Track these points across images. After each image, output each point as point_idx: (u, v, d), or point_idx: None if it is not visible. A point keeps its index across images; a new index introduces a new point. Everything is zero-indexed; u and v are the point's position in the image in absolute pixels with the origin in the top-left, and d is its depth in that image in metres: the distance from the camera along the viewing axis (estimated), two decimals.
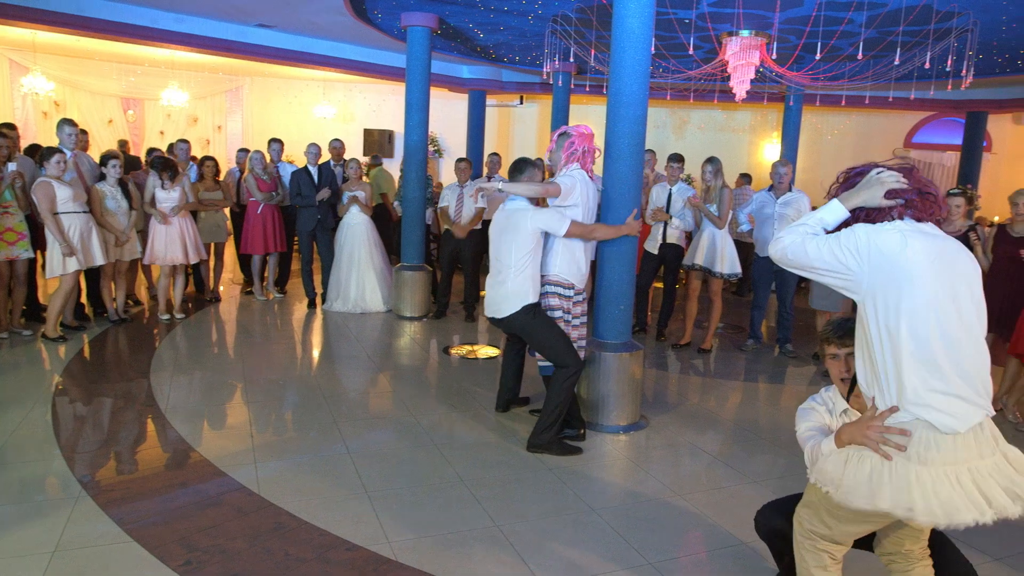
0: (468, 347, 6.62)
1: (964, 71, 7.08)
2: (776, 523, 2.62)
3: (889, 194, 2.06)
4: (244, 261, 8.45)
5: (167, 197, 6.81)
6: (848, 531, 2.18)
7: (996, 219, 10.21)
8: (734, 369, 6.41)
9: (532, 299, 4.24)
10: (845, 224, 2.11)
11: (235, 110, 13.99)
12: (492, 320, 4.41)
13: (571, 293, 4.43)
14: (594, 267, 4.77)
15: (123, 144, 9.15)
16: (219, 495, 3.54)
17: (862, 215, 2.10)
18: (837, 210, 2.12)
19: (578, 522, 3.45)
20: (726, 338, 7.42)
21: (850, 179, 2.18)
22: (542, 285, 4.39)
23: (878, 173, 2.10)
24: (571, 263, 4.40)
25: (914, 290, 1.95)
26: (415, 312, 7.61)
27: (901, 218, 2.07)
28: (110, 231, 6.47)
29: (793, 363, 6.56)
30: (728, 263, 6.52)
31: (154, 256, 6.85)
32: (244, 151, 8.78)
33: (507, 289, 4.23)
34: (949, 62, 6.99)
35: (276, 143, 8.46)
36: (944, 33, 7.02)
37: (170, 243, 6.83)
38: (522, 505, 3.60)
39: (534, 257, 4.24)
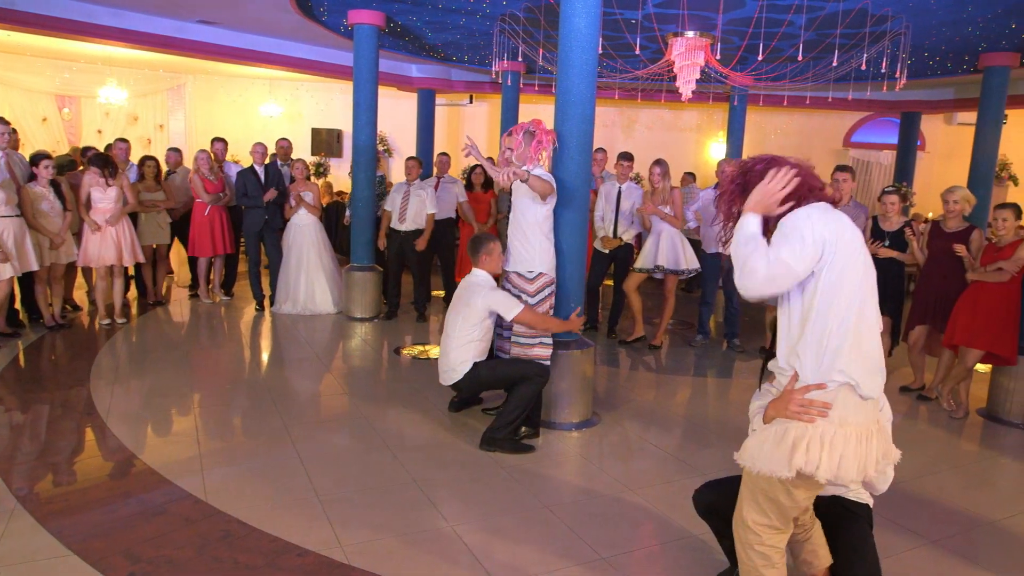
0: (420, 347, 6.59)
1: (898, 73, 7.34)
2: (710, 498, 2.75)
3: (784, 201, 2.15)
4: (190, 262, 8.23)
5: (103, 197, 6.58)
6: (786, 508, 2.26)
7: (930, 215, 10.63)
8: (683, 365, 6.52)
9: (470, 364, 4.36)
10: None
11: (177, 108, 13.61)
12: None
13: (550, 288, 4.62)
14: None
15: (85, 150, 8.61)
16: (164, 504, 3.45)
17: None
18: (754, 222, 2.16)
19: (532, 520, 3.47)
20: (675, 334, 7.55)
21: (741, 183, 2.27)
22: (533, 281, 4.53)
23: (767, 184, 2.16)
24: (552, 257, 4.59)
25: (860, 265, 2.13)
26: (365, 313, 7.53)
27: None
28: (44, 234, 6.23)
29: (741, 357, 6.71)
30: (691, 260, 6.62)
31: (88, 258, 6.61)
32: (176, 151, 8.48)
33: (450, 361, 4.37)
34: (884, 64, 7.23)
35: (219, 142, 8.26)
36: (879, 36, 7.26)
37: (104, 244, 6.60)
38: (476, 505, 3.60)
39: (479, 330, 4.34)
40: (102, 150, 7.99)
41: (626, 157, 6.79)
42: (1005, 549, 3.42)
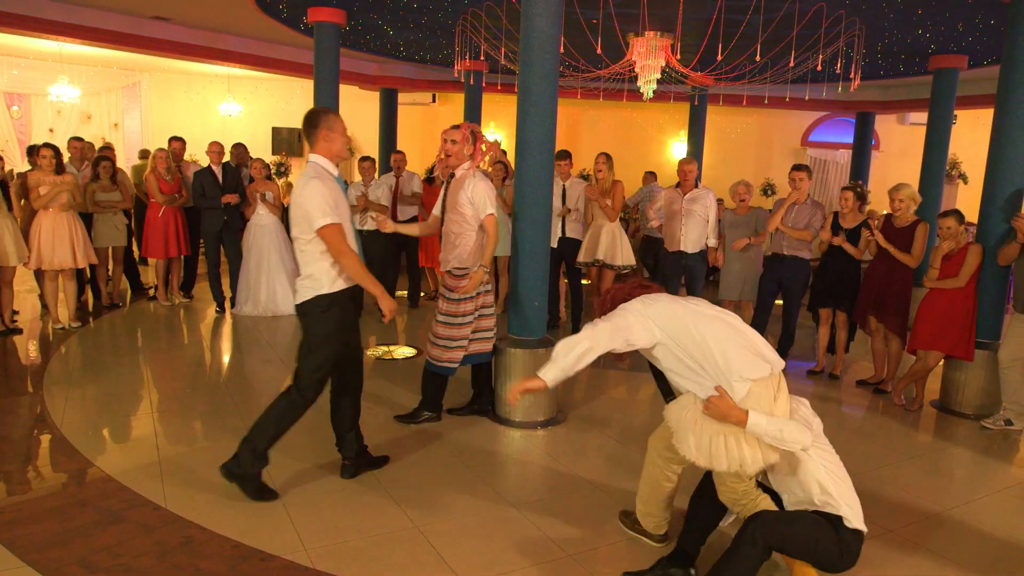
0: (384, 348, 6.55)
1: (852, 73, 7.50)
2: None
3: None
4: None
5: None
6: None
7: (885, 212, 10.87)
8: (646, 361, 6.55)
9: (325, 288, 3.48)
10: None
11: (133, 107, 13.32)
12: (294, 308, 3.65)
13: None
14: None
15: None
16: (122, 511, 3.37)
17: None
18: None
19: (497, 518, 3.47)
20: None
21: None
22: (462, 280, 4.30)
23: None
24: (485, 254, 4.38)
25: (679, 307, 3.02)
26: None
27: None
28: None
29: None
30: (626, 255, 6.75)
31: (41, 260, 6.40)
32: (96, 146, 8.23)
33: (312, 271, 3.46)
34: (839, 65, 7.39)
35: (177, 141, 8.10)
36: (834, 37, 7.41)
37: (58, 244, 6.39)
38: (441, 504, 3.59)
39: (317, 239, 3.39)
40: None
41: (563, 156, 6.88)
42: (957, 537, 3.53)
